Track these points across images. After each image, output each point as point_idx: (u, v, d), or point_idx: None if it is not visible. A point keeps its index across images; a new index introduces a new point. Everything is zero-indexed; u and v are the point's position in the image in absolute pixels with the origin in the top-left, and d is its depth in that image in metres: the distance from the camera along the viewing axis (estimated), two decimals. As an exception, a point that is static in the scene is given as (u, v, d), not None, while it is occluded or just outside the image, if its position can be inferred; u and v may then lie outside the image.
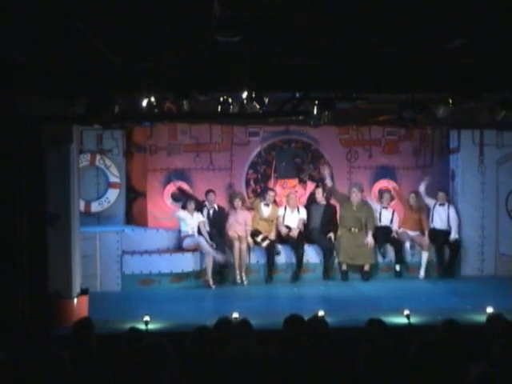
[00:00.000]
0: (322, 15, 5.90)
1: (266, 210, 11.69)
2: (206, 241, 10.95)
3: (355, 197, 11.74)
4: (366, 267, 11.45)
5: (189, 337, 5.23)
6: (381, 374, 4.36)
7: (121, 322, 7.80)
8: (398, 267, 11.53)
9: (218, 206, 11.56)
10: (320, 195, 11.86)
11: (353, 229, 11.64)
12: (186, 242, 11.04)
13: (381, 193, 12.17)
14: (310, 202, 12.02)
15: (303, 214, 11.72)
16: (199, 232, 11.18)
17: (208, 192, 11.51)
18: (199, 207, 11.33)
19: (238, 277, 11.12)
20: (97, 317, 7.18)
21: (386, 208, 11.97)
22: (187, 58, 7.18)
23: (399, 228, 11.88)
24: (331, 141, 12.43)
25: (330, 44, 6.80)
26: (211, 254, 10.84)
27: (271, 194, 11.74)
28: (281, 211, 11.71)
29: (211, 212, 11.42)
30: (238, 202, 11.49)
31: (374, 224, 11.75)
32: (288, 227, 11.57)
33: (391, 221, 11.93)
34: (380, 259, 11.70)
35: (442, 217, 11.84)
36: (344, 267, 11.44)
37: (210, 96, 7.85)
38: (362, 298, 10.06)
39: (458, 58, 7.24)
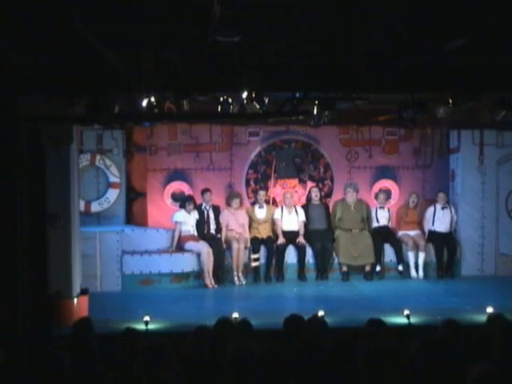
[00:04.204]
0: (321, 15, 5.90)
1: (260, 212, 11.71)
2: (208, 255, 10.91)
3: (350, 197, 11.78)
4: (367, 267, 11.44)
5: (189, 337, 5.23)
6: (381, 373, 4.36)
7: (121, 322, 7.78)
8: (400, 267, 11.50)
9: (213, 206, 11.57)
10: (317, 195, 11.89)
11: (353, 230, 11.65)
12: (188, 247, 11.04)
13: (377, 193, 12.18)
14: (308, 202, 12.07)
15: (302, 214, 11.73)
16: (198, 230, 11.22)
17: (205, 191, 11.52)
18: (196, 206, 11.38)
19: (236, 278, 11.12)
20: (97, 317, 7.19)
21: (383, 208, 11.99)
22: (187, 58, 7.18)
23: (399, 229, 11.90)
24: (331, 141, 12.43)
25: (329, 44, 6.80)
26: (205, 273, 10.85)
27: (261, 193, 11.78)
28: (278, 213, 11.71)
29: (208, 211, 11.43)
30: (236, 203, 11.51)
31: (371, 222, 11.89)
32: (288, 232, 11.56)
33: (388, 220, 11.95)
34: (385, 259, 11.64)
35: (444, 220, 11.83)
36: (345, 268, 11.43)
37: (210, 96, 7.85)
38: (361, 298, 10.05)
39: (458, 58, 7.24)
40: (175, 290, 10.63)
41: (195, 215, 11.30)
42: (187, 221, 11.21)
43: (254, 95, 7.67)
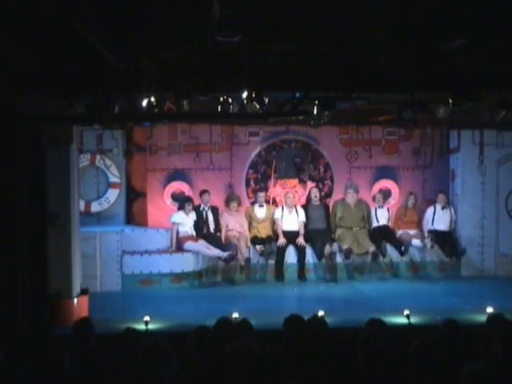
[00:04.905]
0: (321, 15, 5.91)
1: (260, 212, 11.73)
2: (207, 247, 11.01)
3: (351, 197, 11.80)
4: (371, 249, 11.33)
5: (189, 337, 5.23)
6: (381, 373, 4.36)
7: (121, 321, 7.78)
8: (402, 248, 11.40)
9: (212, 206, 11.58)
10: (316, 195, 11.90)
11: (354, 228, 11.68)
12: (187, 247, 11.06)
13: (374, 195, 12.17)
14: (307, 202, 12.08)
15: (302, 215, 11.73)
16: (197, 231, 11.25)
17: (203, 192, 11.53)
18: (194, 207, 11.41)
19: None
20: (97, 317, 7.19)
21: (382, 207, 11.99)
22: (187, 58, 7.18)
23: (397, 228, 11.93)
24: (331, 141, 12.43)
25: (330, 44, 6.80)
26: (214, 254, 10.93)
27: (261, 194, 11.81)
28: (278, 213, 11.72)
29: (207, 212, 11.45)
30: (234, 205, 11.52)
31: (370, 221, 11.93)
32: (288, 232, 11.56)
33: (388, 219, 11.96)
34: (385, 259, 11.61)
35: (444, 219, 11.84)
36: (346, 246, 11.32)
37: (210, 96, 7.85)
38: (362, 298, 10.06)
39: (458, 58, 7.24)
40: (175, 289, 10.63)
41: (193, 216, 11.31)
42: (185, 222, 11.22)
43: (254, 95, 7.67)
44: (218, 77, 7.48)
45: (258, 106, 7.76)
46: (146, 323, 7.81)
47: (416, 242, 11.56)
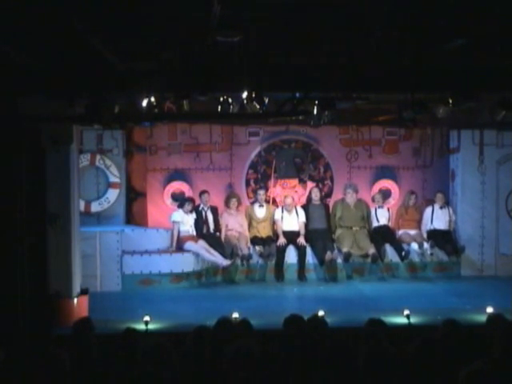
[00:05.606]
0: (321, 15, 5.91)
1: (260, 211, 11.74)
2: (207, 250, 11.02)
3: (350, 197, 11.81)
4: (371, 251, 11.35)
5: (189, 337, 5.23)
6: (381, 373, 4.36)
7: (121, 322, 7.79)
8: (403, 253, 11.39)
9: (212, 207, 11.59)
10: (317, 195, 11.90)
11: (354, 228, 11.68)
12: (188, 247, 11.05)
13: (373, 195, 12.16)
14: (308, 202, 12.08)
15: (302, 215, 11.73)
16: (197, 230, 11.26)
17: (203, 193, 11.54)
18: (194, 207, 11.41)
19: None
20: (97, 317, 7.18)
21: (382, 207, 11.99)
22: (187, 58, 7.18)
23: (398, 228, 11.93)
24: (331, 141, 12.43)
25: (329, 44, 6.80)
26: (214, 260, 10.96)
27: (261, 193, 11.80)
28: (278, 213, 11.72)
29: (207, 212, 11.46)
30: (234, 203, 11.52)
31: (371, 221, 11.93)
32: (288, 233, 11.56)
33: (388, 219, 11.96)
34: (385, 260, 11.62)
35: (443, 218, 11.85)
36: (345, 249, 11.30)
37: (210, 96, 7.86)
38: (361, 298, 10.06)
39: (458, 58, 7.24)
40: (175, 289, 10.62)
41: (193, 215, 11.32)
42: (185, 221, 11.23)
43: (254, 95, 7.67)
44: (218, 77, 7.48)
45: (258, 106, 7.76)
46: (146, 323, 7.82)
47: (415, 247, 11.54)
